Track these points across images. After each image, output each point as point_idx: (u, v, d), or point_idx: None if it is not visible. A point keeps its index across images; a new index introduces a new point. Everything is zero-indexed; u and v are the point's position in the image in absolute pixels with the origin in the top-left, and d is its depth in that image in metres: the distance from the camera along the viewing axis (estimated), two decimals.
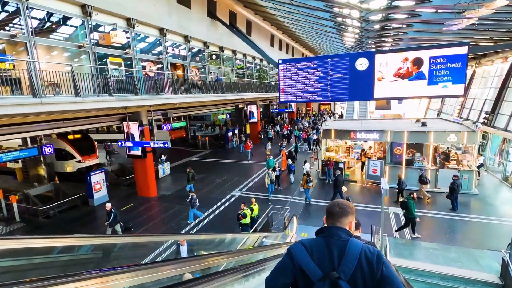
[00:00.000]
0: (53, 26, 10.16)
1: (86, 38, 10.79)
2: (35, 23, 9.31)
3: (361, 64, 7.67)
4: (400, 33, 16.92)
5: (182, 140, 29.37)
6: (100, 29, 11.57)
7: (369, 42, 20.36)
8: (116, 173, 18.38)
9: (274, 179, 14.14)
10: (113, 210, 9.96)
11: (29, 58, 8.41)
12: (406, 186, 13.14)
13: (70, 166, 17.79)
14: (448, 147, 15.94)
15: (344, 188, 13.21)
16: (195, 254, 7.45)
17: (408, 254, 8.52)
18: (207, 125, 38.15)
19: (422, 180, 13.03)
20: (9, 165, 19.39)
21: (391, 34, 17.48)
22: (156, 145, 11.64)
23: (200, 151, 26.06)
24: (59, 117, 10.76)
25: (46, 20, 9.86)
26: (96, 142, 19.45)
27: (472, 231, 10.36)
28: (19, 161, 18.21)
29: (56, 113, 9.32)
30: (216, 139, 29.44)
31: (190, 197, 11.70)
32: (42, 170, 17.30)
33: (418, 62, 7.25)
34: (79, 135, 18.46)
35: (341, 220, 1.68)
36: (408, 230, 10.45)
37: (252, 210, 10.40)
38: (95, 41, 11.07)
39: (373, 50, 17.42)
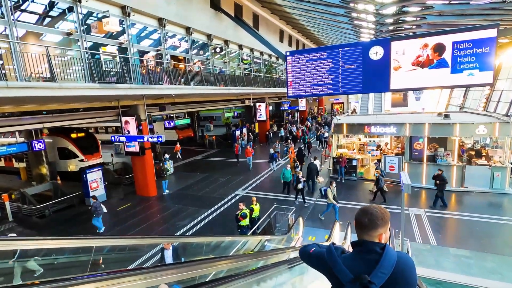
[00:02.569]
0: (38, 11, 9.53)
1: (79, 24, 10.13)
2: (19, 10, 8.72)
3: (376, 53, 6.84)
4: (418, 18, 15.46)
5: (190, 139, 29.11)
6: (94, 19, 10.92)
7: (384, 30, 18.92)
8: (118, 172, 17.80)
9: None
10: None
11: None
12: (384, 184, 11.95)
13: (73, 165, 17.40)
14: (474, 143, 14.33)
15: (320, 179, 12.08)
16: (182, 259, 6.51)
17: (434, 263, 7.28)
18: (236, 125, 36.27)
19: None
20: (16, 164, 19.37)
21: (409, 20, 16.04)
22: (150, 139, 10.83)
23: (208, 150, 25.48)
24: (43, 109, 10.14)
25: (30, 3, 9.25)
26: (100, 141, 19.05)
27: (511, 236, 8.88)
28: (24, 160, 18.07)
29: (30, 101, 8.62)
30: (224, 139, 28.77)
31: (92, 203, 10.14)
32: (44, 169, 16.96)
33: (439, 48, 6.32)
34: (82, 134, 18.06)
35: (369, 233, 1.52)
36: (432, 233, 9.11)
37: (252, 210, 9.33)
38: (85, 28, 10.42)
39: (389, 37, 16.11)
